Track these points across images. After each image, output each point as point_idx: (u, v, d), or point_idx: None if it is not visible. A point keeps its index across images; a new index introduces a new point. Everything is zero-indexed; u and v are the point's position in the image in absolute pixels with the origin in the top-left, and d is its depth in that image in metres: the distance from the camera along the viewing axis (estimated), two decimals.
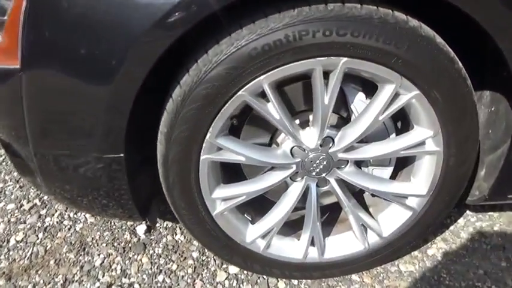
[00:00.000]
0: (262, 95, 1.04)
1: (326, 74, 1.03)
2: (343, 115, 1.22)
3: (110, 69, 0.94)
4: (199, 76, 0.98)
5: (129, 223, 1.65)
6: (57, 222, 1.69)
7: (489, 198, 1.30)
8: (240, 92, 1.00)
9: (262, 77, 0.98)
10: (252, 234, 1.25)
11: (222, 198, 1.18)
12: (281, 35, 0.94)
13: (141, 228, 1.62)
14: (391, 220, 1.27)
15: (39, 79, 0.99)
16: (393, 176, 1.31)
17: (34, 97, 1.01)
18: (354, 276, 1.39)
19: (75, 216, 1.71)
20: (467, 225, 1.55)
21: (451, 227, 1.55)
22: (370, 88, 1.13)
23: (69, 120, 1.04)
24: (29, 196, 1.82)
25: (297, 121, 1.21)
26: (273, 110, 1.05)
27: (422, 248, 1.47)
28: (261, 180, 1.19)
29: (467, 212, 1.60)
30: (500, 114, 1.21)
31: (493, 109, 1.24)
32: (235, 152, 1.10)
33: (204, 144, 1.06)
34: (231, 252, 1.28)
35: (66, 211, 1.73)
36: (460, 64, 1.03)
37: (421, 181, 1.20)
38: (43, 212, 1.75)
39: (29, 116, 1.04)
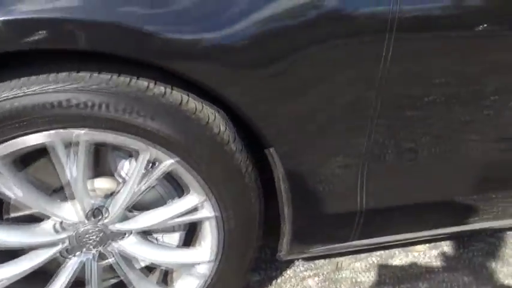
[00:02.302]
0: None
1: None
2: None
3: None
4: None
5: None
6: None
7: (291, 252, 1.29)
8: None
9: None
10: None
11: None
12: None
13: None
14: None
15: None
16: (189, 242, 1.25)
17: None
18: None
19: None
20: (294, 277, 1.53)
21: (274, 282, 1.52)
22: None
23: None
24: None
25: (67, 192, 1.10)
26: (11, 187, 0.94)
27: None
28: (24, 260, 1.05)
29: (296, 262, 1.59)
30: None
31: None
32: None
33: None
34: None
35: None
36: (220, 128, 1.01)
37: (207, 246, 1.15)
38: None
39: None
